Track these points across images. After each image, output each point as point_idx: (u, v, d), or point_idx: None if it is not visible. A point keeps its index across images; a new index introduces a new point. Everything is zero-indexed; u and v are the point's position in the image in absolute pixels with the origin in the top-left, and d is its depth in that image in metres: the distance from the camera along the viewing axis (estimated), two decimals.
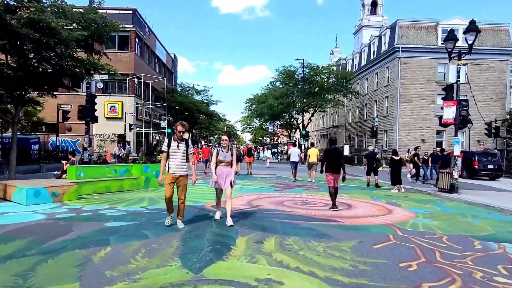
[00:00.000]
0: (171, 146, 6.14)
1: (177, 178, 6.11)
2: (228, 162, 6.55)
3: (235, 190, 11.70)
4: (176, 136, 6.14)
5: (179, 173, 6.11)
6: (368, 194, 12.11)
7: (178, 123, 6.17)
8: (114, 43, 32.57)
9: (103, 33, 13.61)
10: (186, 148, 6.21)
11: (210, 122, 48.36)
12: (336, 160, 8.80)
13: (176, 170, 6.10)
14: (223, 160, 6.53)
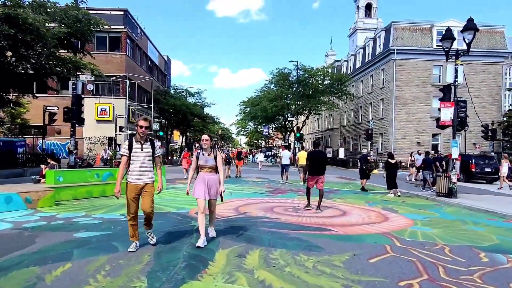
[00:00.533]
0: (133, 149, 4.88)
1: (142, 187, 4.93)
2: (211, 168, 5.35)
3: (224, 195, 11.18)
4: (139, 135, 4.93)
5: (145, 180, 4.95)
6: (363, 199, 11.59)
7: (140, 118, 5.02)
8: (105, 44, 32.00)
9: (87, 31, 13.01)
10: (152, 150, 5.02)
11: (204, 125, 47.63)
12: (320, 162, 8.99)
13: (141, 178, 4.91)
14: (204, 165, 5.34)
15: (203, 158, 5.37)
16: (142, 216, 5.10)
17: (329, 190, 13.94)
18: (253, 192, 12.53)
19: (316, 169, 8.91)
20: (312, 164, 9.01)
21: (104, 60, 31.57)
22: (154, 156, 5.09)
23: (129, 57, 32.96)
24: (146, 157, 4.97)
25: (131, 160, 4.90)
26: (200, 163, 5.38)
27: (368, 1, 55.63)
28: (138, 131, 4.92)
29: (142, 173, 4.94)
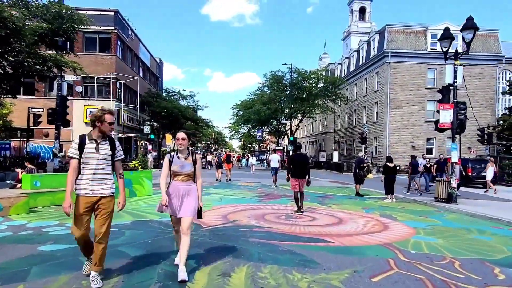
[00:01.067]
0: (86, 149, 3.69)
1: (96, 201, 3.71)
2: (188, 175, 4.14)
3: (213, 201, 10.58)
4: (97, 132, 3.76)
5: (101, 192, 3.74)
6: (359, 204, 11.04)
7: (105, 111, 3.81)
8: (94, 45, 31.27)
9: (69, 28, 12.33)
10: (112, 152, 3.83)
11: (197, 128, 46.95)
12: (301, 165, 9.10)
13: (95, 189, 3.71)
14: (180, 171, 4.12)
15: (177, 162, 4.15)
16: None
17: (324, 195, 13.39)
18: (244, 197, 11.92)
19: (298, 172, 9.01)
20: (294, 167, 9.08)
21: (94, 61, 30.85)
22: (114, 160, 3.87)
23: (120, 59, 32.24)
24: (102, 161, 3.74)
25: (82, 164, 3.69)
26: (174, 168, 4.13)
27: (361, 5, 55.61)
28: (101, 128, 3.73)
29: (97, 183, 3.72)
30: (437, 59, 32.39)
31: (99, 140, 3.78)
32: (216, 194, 12.59)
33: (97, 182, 3.74)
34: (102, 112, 3.79)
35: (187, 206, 4.09)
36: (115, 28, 31.04)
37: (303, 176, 9.06)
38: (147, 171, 11.75)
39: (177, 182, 4.16)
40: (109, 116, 3.80)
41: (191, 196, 4.14)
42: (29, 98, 28.66)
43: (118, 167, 3.96)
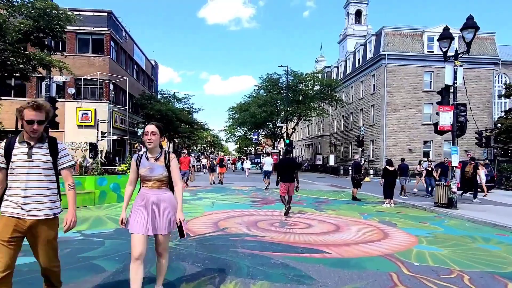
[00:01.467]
0: (14, 155, 2.76)
1: (30, 226, 2.73)
2: (160, 181, 3.24)
3: (205, 206, 10.11)
4: (26, 133, 2.80)
5: (37, 213, 2.75)
6: (356, 210, 10.62)
7: (26, 105, 2.77)
8: (87, 46, 30.75)
9: (56, 27, 11.84)
10: (53, 158, 2.88)
11: (192, 131, 46.45)
12: (290, 170, 9.03)
13: (28, 207, 2.73)
14: (149, 176, 3.22)
15: (146, 164, 3.22)
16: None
17: (321, 200, 12.97)
18: (237, 202, 11.45)
19: (287, 176, 8.98)
20: (283, 172, 9.06)
21: (87, 62, 30.36)
22: (57, 169, 2.91)
23: (113, 60, 31.72)
24: (38, 170, 2.77)
25: (10, 175, 2.76)
26: (142, 172, 3.22)
27: (357, 8, 55.62)
28: (25, 128, 2.79)
29: (31, 200, 2.73)
30: (434, 62, 32.24)
31: (32, 142, 2.80)
32: (208, 199, 12.12)
33: (31, 199, 2.73)
34: (22, 106, 2.75)
35: (160, 221, 3.19)
36: (108, 29, 30.55)
37: (292, 180, 8.97)
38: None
39: (146, 190, 3.24)
40: (29, 112, 2.71)
41: (165, 208, 3.21)
42: (20, 100, 28.08)
43: (65, 176, 2.97)
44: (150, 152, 3.29)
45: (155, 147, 3.26)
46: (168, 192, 3.32)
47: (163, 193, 3.27)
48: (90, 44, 30.69)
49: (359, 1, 55.31)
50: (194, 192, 14.36)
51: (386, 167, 12.67)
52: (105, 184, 10.63)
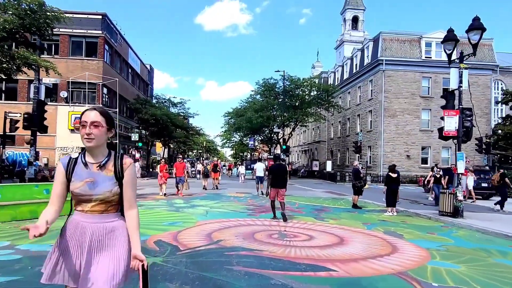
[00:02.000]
0: None
1: None
2: (105, 202, 2.02)
3: (198, 215, 9.49)
4: None
5: None
6: (358, 219, 10.07)
7: None
8: (81, 49, 30.19)
9: (43, 25, 11.27)
10: None
11: (187, 136, 45.80)
12: (280, 175, 9.24)
13: None
14: (88, 194, 2.00)
15: (83, 174, 2.02)
16: None
17: (320, 208, 12.40)
18: (233, 210, 10.84)
19: (277, 182, 9.18)
20: (274, 177, 9.23)
21: (80, 66, 29.79)
22: None
23: (107, 64, 31.16)
24: None
25: None
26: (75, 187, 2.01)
27: (354, 14, 55.62)
28: None
29: None
30: (432, 68, 32.02)
31: None
32: (202, 207, 11.51)
33: None
34: None
35: (99, 268, 1.95)
36: (102, 32, 30.03)
37: (282, 185, 9.24)
38: None
39: (81, 216, 2.04)
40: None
41: (109, 247, 2.02)
42: (11, 104, 27.50)
43: None
44: (91, 154, 2.05)
45: (99, 146, 2.03)
46: (118, 220, 2.09)
47: (110, 221, 2.05)
48: (83, 47, 30.14)
49: (356, 7, 55.34)
50: (187, 199, 13.75)
51: (389, 174, 12.15)
52: None
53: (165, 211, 10.20)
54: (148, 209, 10.69)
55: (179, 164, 15.80)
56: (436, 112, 32.19)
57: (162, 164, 15.88)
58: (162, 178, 15.11)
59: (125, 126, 35.42)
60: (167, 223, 8.10)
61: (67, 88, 29.36)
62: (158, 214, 9.63)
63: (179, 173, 15.50)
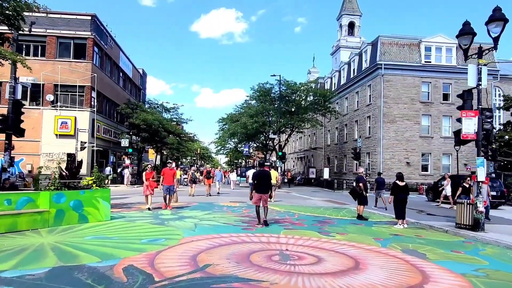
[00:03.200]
0: None
1: None
2: None
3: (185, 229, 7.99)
4: None
5: None
6: (368, 233, 8.88)
7: None
8: (68, 51, 28.90)
9: (13, 14, 10.04)
10: None
11: (180, 143, 44.38)
12: (265, 181, 9.47)
13: None
14: None
15: None
16: None
17: (323, 220, 11.18)
18: (226, 223, 9.56)
19: (261, 188, 9.36)
20: (258, 183, 9.41)
21: (68, 68, 28.45)
22: None
23: (96, 66, 29.88)
24: None
25: None
26: None
27: (351, 20, 55.02)
28: None
29: None
30: (431, 72, 31.21)
31: None
32: (191, 219, 10.22)
33: None
34: None
35: None
36: (91, 34, 28.78)
37: (266, 191, 9.46)
38: (104, 190, 9.36)
39: None
40: None
41: None
42: None
43: None
44: None
45: None
46: None
47: None
48: (71, 49, 28.85)
49: (352, 13, 54.76)
50: (176, 210, 12.43)
51: (396, 182, 11.00)
52: (63, 202, 8.65)
53: (148, 224, 8.90)
54: (130, 221, 9.39)
55: (168, 171, 13.20)
56: (437, 118, 31.33)
57: (148, 171, 13.09)
58: (148, 188, 12.47)
59: (115, 132, 34.06)
60: (146, 240, 6.81)
61: (53, 91, 28.03)
62: (139, 228, 8.33)
63: (168, 181, 12.94)
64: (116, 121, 35.27)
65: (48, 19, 28.91)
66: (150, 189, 12.55)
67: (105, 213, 9.26)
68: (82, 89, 28.45)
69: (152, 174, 12.92)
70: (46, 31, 28.24)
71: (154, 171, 13.66)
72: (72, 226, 8.41)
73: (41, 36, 28.15)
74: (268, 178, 9.66)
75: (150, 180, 12.70)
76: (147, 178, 12.77)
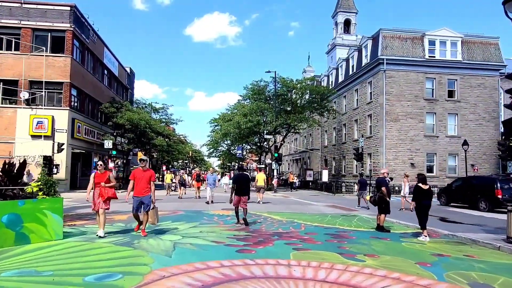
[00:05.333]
0: None
1: None
2: None
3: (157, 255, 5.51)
4: None
5: None
6: (402, 252, 6.77)
7: None
8: (45, 44, 26.42)
9: None
10: None
11: (170, 145, 41.97)
12: (244, 184, 9.99)
13: None
14: None
15: None
16: None
17: (336, 232, 9.01)
18: (216, 242, 7.30)
19: (241, 190, 9.82)
20: (237, 186, 9.87)
21: (44, 63, 26.03)
22: None
23: (77, 61, 27.48)
24: None
25: None
26: None
27: (346, 17, 53.42)
28: None
29: None
30: (436, 68, 29.43)
31: None
32: (171, 235, 7.96)
33: None
34: None
35: None
36: (70, 25, 26.38)
37: (245, 193, 9.91)
38: (53, 200, 7.11)
39: None
40: None
41: None
42: None
43: None
44: None
45: None
46: None
47: None
48: (49, 42, 26.38)
49: (348, 10, 53.16)
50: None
51: (419, 186, 8.96)
52: None
53: (110, 246, 6.62)
54: (88, 240, 7.11)
55: (140, 173, 7.86)
56: (442, 116, 29.50)
57: (99, 171, 7.67)
58: (100, 201, 7.46)
59: (98, 133, 31.59)
60: (93, 278, 4.53)
61: (29, 88, 25.58)
62: (93, 253, 6.04)
63: (140, 189, 7.77)
64: (100, 122, 32.83)
65: (23, 10, 26.53)
66: (102, 201, 7.41)
67: (54, 230, 6.95)
68: (61, 86, 26.04)
69: (105, 176, 7.57)
70: (21, 23, 25.82)
71: (110, 172, 7.99)
72: (6, 250, 6.12)
73: (15, 28, 25.72)
74: (247, 181, 10.20)
75: (103, 186, 7.42)
76: (96, 183, 7.52)
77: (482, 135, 29.85)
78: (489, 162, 29.66)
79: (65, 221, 9.93)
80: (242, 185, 9.84)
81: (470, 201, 17.21)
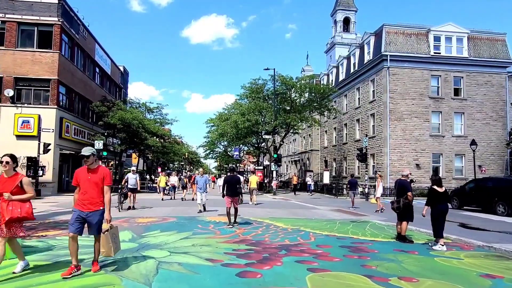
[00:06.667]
0: None
1: None
2: None
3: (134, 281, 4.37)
4: None
5: None
6: (440, 272, 5.45)
7: None
8: (32, 40, 25.00)
9: None
10: None
11: (164, 146, 40.46)
12: (234, 185, 10.23)
13: None
14: None
15: None
16: None
17: (352, 244, 7.65)
18: (211, 261, 5.91)
19: (232, 192, 10.17)
20: (229, 187, 10.19)
21: (30, 59, 24.65)
22: None
23: (65, 57, 26.04)
24: None
25: None
26: None
27: (345, 16, 52.35)
28: None
29: None
30: (441, 65, 28.25)
31: None
32: (156, 251, 6.55)
33: None
34: None
35: None
36: (59, 19, 24.95)
37: (236, 194, 10.31)
38: None
39: None
40: None
41: None
42: None
43: None
44: None
45: None
46: None
47: None
48: (35, 37, 24.95)
49: (347, 8, 52.09)
50: (140, 230, 8.76)
51: (434, 188, 7.71)
52: None
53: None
54: (51, 258, 5.70)
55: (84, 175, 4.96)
56: (448, 115, 28.31)
57: (4, 172, 4.78)
58: None
59: (89, 133, 30.12)
60: None
61: (13, 85, 24.10)
62: (46, 281, 4.64)
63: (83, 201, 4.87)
64: (91, 122, 31.37)
65: (7, 3, 25.02)
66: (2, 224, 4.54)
67: None
68: (48, 83, 24.59)
69: (12, 183, 4.67)
70: (5, 16, 24.35)
71: (23, 176, 4.87)
72: None
73: None
74: (237, 183, 10.37)
75: (7, 198, 4.57)
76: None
77: (489, 134, 28.68)
78: (496, 163, 28.50)
79: (36, 231, 8.53)
80: (232, 186, 10.12)
81: (486, 204, 15.96)
